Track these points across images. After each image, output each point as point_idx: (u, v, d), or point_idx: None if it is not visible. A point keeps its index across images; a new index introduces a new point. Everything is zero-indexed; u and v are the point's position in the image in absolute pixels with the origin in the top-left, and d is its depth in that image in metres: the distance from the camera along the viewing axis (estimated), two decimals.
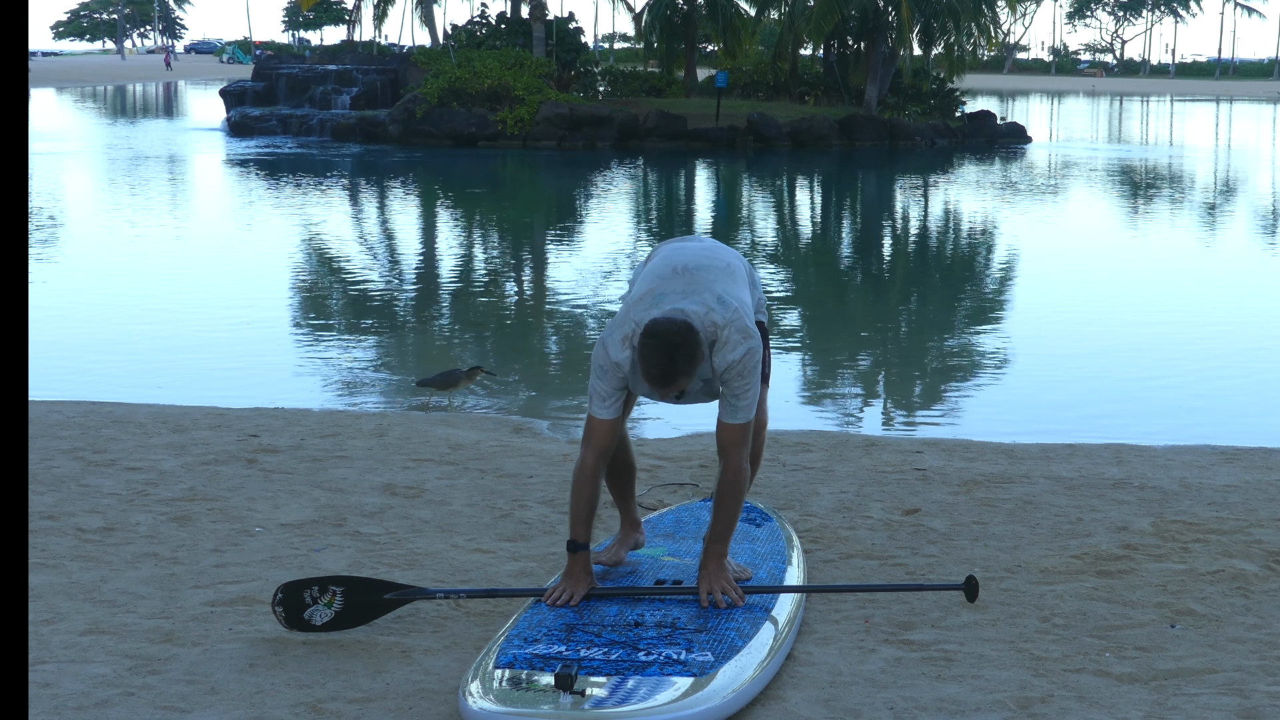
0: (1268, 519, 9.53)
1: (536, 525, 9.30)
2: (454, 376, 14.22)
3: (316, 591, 7.13)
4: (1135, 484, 10.58)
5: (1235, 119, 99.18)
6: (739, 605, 7.00)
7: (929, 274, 26.68)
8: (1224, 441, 12.60)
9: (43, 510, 9.28)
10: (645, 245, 28.97)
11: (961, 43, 62.44)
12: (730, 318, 7.01)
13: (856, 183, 47.69)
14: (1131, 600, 7.79)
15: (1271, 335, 19.20)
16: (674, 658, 6.34)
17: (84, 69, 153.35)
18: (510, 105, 55.08)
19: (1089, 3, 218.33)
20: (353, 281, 23.60)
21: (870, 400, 15.89)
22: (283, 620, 7.09)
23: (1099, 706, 6.38)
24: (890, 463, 11.29)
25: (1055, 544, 8.93)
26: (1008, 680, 6.66)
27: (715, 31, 70.15)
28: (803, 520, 9.36)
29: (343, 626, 7.12)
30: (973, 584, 7.17)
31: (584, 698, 5.92)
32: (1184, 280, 24.92)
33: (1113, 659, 6.94)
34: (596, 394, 7.11)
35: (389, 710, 6.26)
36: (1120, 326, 19.64)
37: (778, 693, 6.47)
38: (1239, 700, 6.45)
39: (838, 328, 20.38)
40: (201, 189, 40.63)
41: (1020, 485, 10.47)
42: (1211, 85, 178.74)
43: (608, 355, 7.04)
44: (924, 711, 6.30)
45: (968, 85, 73.34)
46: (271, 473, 10.52)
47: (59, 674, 6.56)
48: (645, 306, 6.98)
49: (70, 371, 15.55)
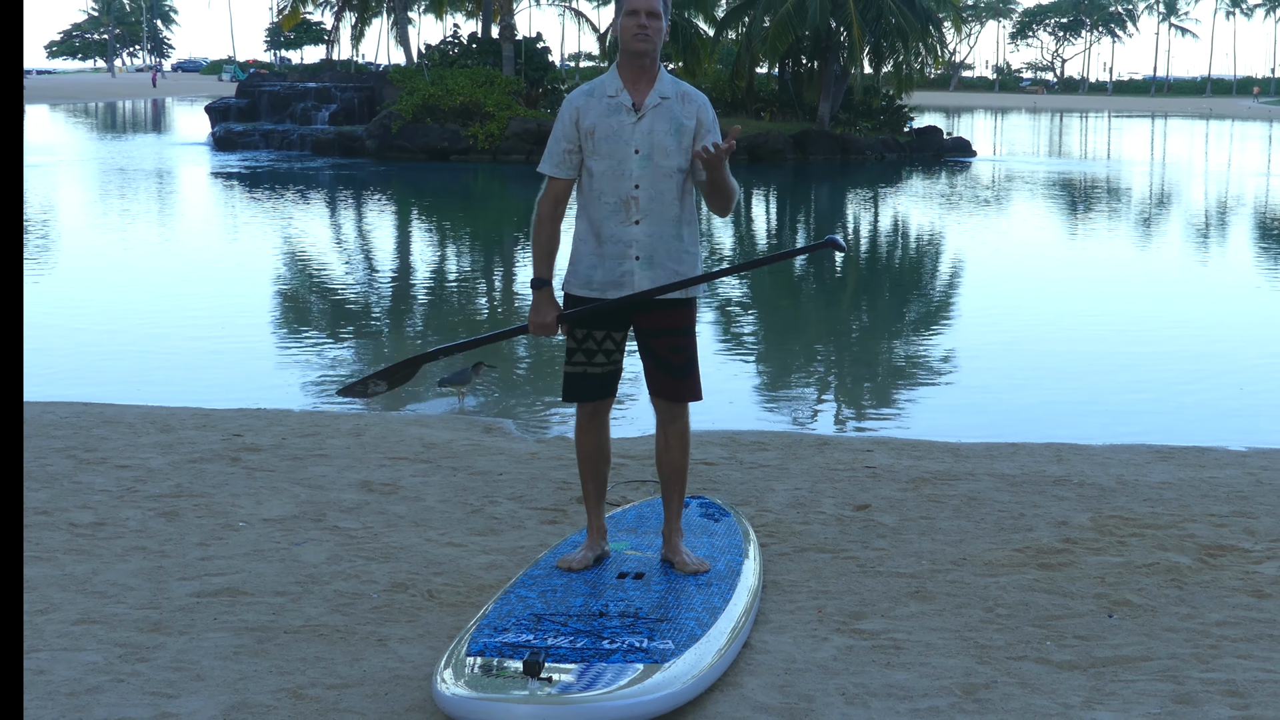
0: (1200, 515, 9.58)
1: (506, 520, 9.30)
2: (465, 375, 14.46)
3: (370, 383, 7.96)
4: (1075, 481, 10.61)
5: (1169, 134, 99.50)
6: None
7: (879, 281, 26.70)
8: (1159, 441, 12.67)
9: (37, 506, 9.28)
10: None
11: (910, 61, 62.48)
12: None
13: (810, 195, 47.71)
14: (1071, 591, 7.81)
15: (1204, 339, 19.25)
16: (636, 645, 6.35)
17: (76, 86, 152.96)
18: (481, 121, 55.12)
19: (1031, 23, 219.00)
20: (331, 288, 23.55)
21: (823, 401, 15.90)
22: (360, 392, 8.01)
23: (1040, 692, 6.40)
24: (842, 461, 11.31)
25: (999, 538, 8.96)
26: (954, 667, 6.67)
27: (676, 51, 70.19)
28: (759, 515, 9.37)
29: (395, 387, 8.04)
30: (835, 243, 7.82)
31: (551, 684, 5.92)
32: (1120, 287, 24.95)
33: (1053, 647, 6.96)
34: (549, 152, 7.55)
35: (366, 696, 6.26)
36: (1060, 331, 19.68)
37: (735, 679, 6.48)
38: (1173, 686, 6.47)
39: (792, 333, 20.38)
40: (187, 200, 40.50)
41: (965, 482, 10.50)
42: (1147, 102, 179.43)
43: (568, 99, 7.51)
44: (874, 697, 6.31)
45: (916, 102, 73.45)
46: (254, 470, 10.51)
47: (52, 661, 6.55)
48: None
49: (63, 374, 15.49)
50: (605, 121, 7.30)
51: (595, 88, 7.38)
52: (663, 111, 7.28)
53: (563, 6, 76.42)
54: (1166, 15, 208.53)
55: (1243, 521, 9.43)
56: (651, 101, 7.27)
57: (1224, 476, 10.92)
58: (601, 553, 7.66)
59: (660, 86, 7.31)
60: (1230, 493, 10.32)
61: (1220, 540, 8.92)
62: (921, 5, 61.50)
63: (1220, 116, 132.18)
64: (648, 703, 5.93)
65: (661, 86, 7.31)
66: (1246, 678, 6.58)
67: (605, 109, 7.30)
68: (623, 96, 7.29)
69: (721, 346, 17.96)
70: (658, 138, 7.29)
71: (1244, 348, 18.65)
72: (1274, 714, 6.18)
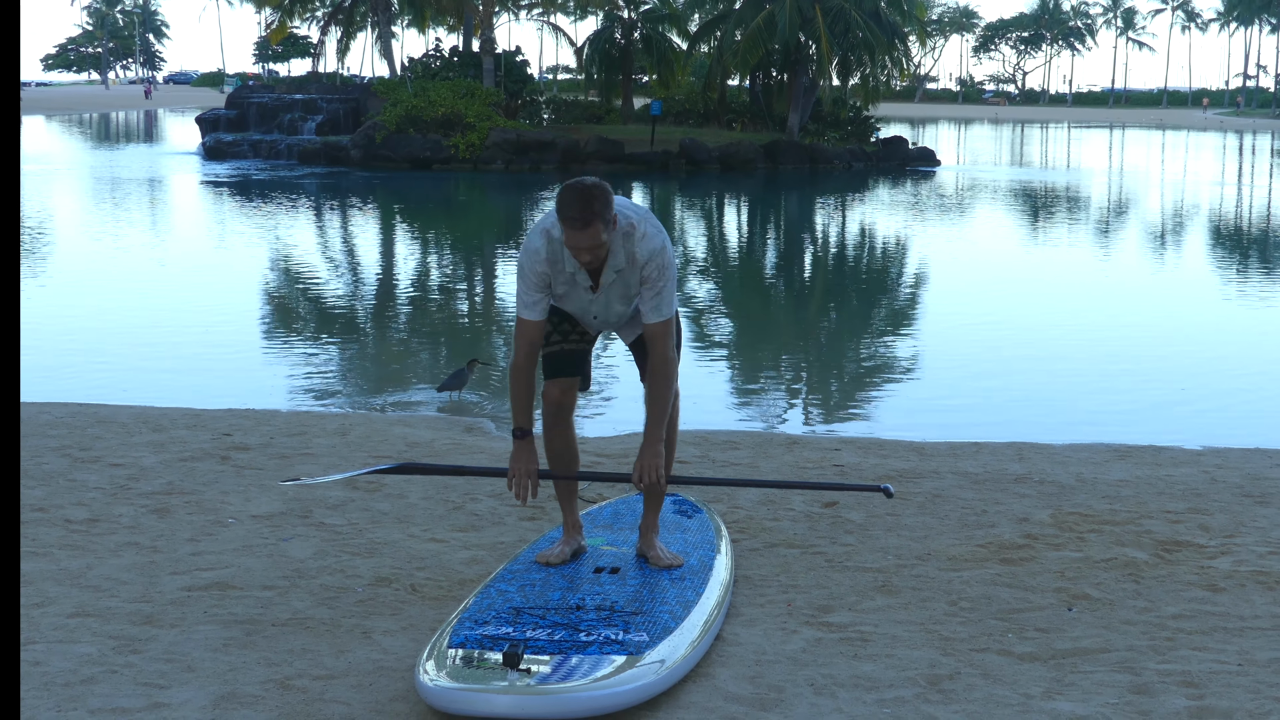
0: (1157, 511, 9.59)
1: (486, 517, 9.29)
2: (461, 376, 14.51)
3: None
4: (1035, 479, 10.63)
5: (1127, 144, 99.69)
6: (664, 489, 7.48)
7: (847, 286, 26.73)
8: (1117, 440, 12.68)
9: (33, 503, 9.25)
10: None
11: (876, 74, 62.59)
12: (643, 215, 7.20)
13: (780, 202, 47.72)
14: (1032, 586, 7.82)
15: (1160, 341, 19.29)
16: (612, 638, 6.34)
17: (71, 98, 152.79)
18: (462, 131, 55.18)
19: (993, 37, 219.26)
20: (318, 293, 23.52)
21: (792, 402, 15.91)
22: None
23: (1002, 683, 6.40)
24: (811, 459, 11.32)
25: (962, 534, 8.97)
26: (919, 659, 6.67)
27: (650, 64, 70.37)
28: (731, 512, 9.36)
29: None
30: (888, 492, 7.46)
31: (530, 675, 5.92)
32: (1080, 291, 24.99)
33: (1015, 639, 6.96)
34: (520, 299, 7.26)
35: (351, 687, 6.25)
36: (1022, 334, 19.73)
37: (707, 670, 6.48)
38: (1130, 677, 6.48)
39: (763, 335, 20.41)
40: (179, 208, 40.52)
41: (930, 480, 10.51)
42: (1105, 113, 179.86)
43: (527, 252, 7.22)
44: (842, 688, 6.31)
45: (882, 113, 73.53)
46: (243, 468, 10.50)
47: (48, 653, 6.53)
48: None
49: (59, 375, 15.45)
50: (567, 291, 7.28)
51: (554, 255, 7.14)
52: (617, 285, 7.23)
53: (541, 21, 76.49)
54: (1124, 29, 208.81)
55: (1198, 518, 9.45)
56: (607, 279, 7.18)
57: (1180, 475, 10.94)
58: (578, 548, 7.64)
59: (613, 260, 7.13)
60: (1186, 490, 10.35)
61: (1176, 536, 8.94)
62: (888, 20, 61.71)
63: (1175, 127, 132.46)
64: (623, 693, 5.93)
65: (614, 260, 7.13)
66: (1201, 669, 6.59)
67: (567, 281, 7.23)
68: (581, 276, 7.18)
69: (695, 349, 17.95)
70: (613, 304, 7.34)
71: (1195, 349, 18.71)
72: (1228, 704, 6.19)
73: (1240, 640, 7.02)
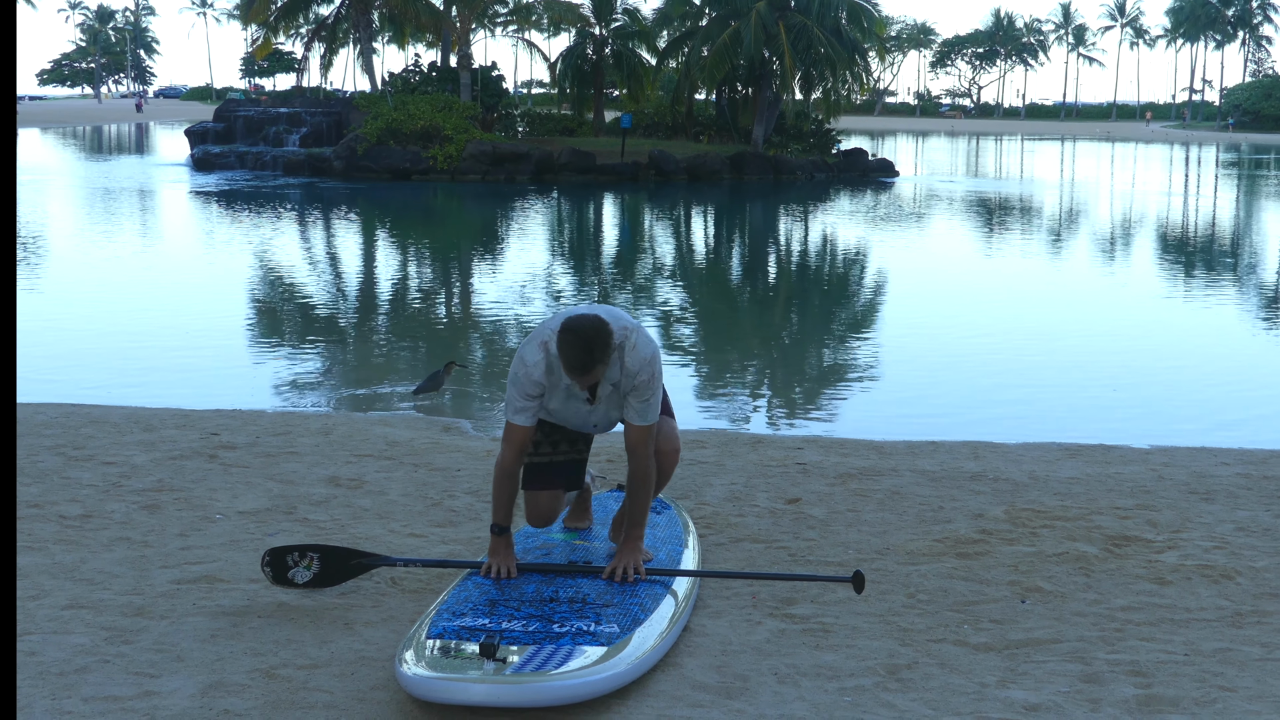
0: (1106, 507, 9.62)
1: (463, 513, 9.29)
2: (437, 378, 14.47)
3: (297, 556, 7.28)
4: (990, 476, 10.65)
5: (1077, 156, 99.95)
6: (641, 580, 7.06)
7: (809, 292, 26.75)
8: (1068, 439, 12.70)
9: (29, 500, 9.23)
10: (559, 265, 28.98)
11: (837, 88, 62.70)
12: (634, 325, 7.09)
13: (745, 212, 47.73)
14: (987, 579, 7.84)
15: (1108, 345, 19.32)
16: (585, 629, 6.35)
17: (65, 111, 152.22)
18: (440, 143, 55.13)
19: (949, 53, 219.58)
20: (302, 298, 23.50)
21: (757, 402, 15.92)
22: (270, 578, 7.26)
23: (958, 672, 6.41)
24: (775, 458, 11.32)
25: (920, 529, 8.98)
26: (878, 649, 6.68)
27: (620, 78, 70.37)
28: (698, 509, 9.37)
29: (320, 586, 7.29)
30: (860, 578, 7.04)
31: (505, 664, 5.92)
32: (1032, 296, 25.06)
33: (970, 630, 6.98)
34: (511, 403, 7.13)
35: (334, 675, 6.25)
36: (976, 337, 19.75)
37: (676, 660, 6.48)
38: (1081, 667, 6.50)
39: (729, 339, 20.41)
40: (169, 216, 40.41)
41: (889, 478, 10.52)
42: (1057, 126, 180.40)
43: (523, 363, 7.06)
44: (804, 677, 6.31)
45: (843, 126, 73.62)
46: (230, 466, 10.47)
47: (43, 643, 6.53)
48: (558, 318, 6.98)
49: (53, 377, 15.40)
50: (564, 405, 7.22)
51: (554, 364, 7.02)
52: (613, 397, 7.17)
53: (516, 37, 76.13)
54: (1075, 45, 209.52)
55: (1145, 514, 9.48)
56: (604, 391, 7.13)
57: (1128, 472, 10.97)
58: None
59: (610, 374, 7.07)
60: (1134, 487, 10.37)
61: (1125, 531, 8.96)
62: (848, 36, 61.85)
63: (1123, 140, 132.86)
64: (595, 682, 5.94)
65: (610, 373, 7.07)
66: (1149, 659, 6.61)
67: (564, 394, 7.14)
68: (576, 388, 7.08)
69: (664, 352, 17.94)
70: (610, 412, 7.26)
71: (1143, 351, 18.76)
72: (1174, 692, 6.21)
73: (1186, 631, 7.05)
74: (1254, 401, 15.83)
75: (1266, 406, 15.56)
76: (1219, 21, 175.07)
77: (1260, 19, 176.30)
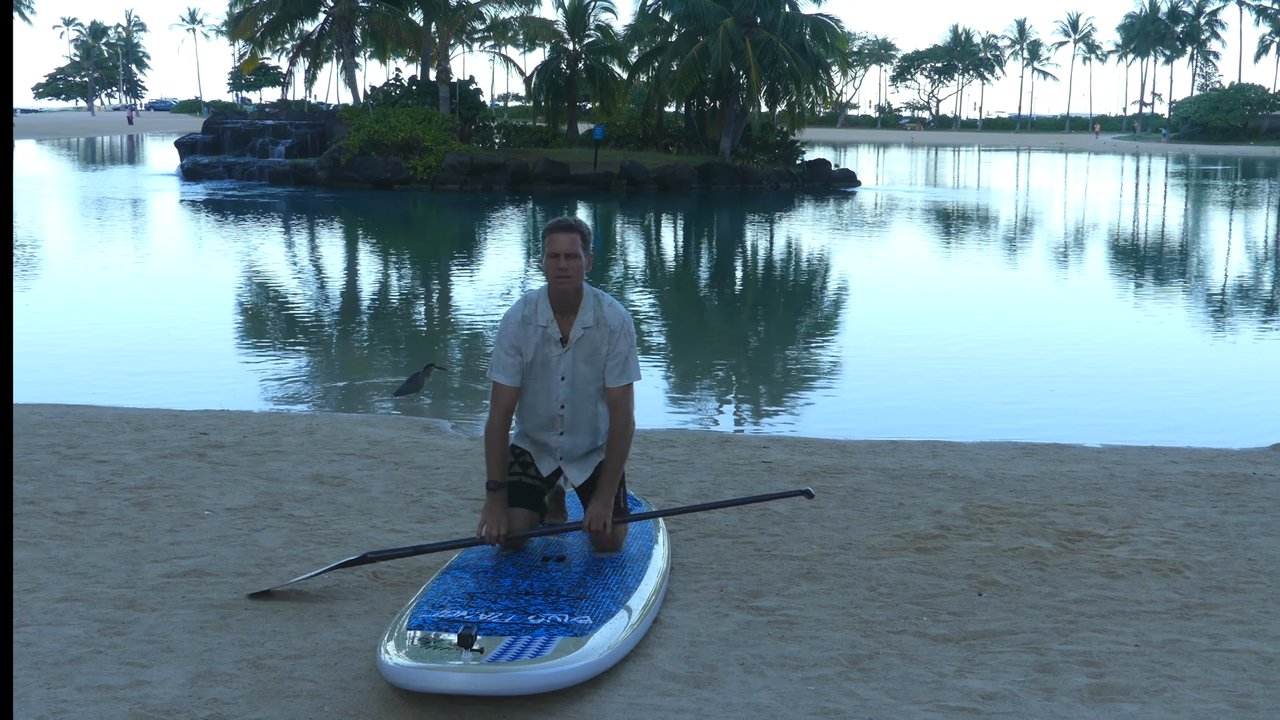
0: (1060, 504, 9.64)
1: (442, 509, 9.30)
2: (417, 380, 14.49)
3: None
4: (948, 474, 10.66)
5: (1032, 166, 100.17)
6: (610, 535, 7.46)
7: (775, 296, 26.77)
8: (1023, 438, 12.74)
9: (25, 497, 9.22)
10: (534, 271, 28.93)
11: (801, 101, 62.80)
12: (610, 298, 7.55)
13: (713, 220, 47.76)
14: (945, 573, 7.85)
15: (1063, 347, 19.36)
16: (558, 621, 6.36)
17: (59, 124, 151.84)
18: (420, 154, 55.10)
19: (909, 67, 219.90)
20: (287, 302, 23.44)
21: (725, 403, 15.93)
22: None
23: (918, 662, 6.42)
24: (741, 456, 11.33)
25: (881, 525, 9.00)
26: (841, 640, 6.69)
27: (593, 92, 70.48)
28: (668, 505, 9.37)
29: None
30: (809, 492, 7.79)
31: (482, 654, 5.93)
32: (988, 300, 25.12)
33: (929, 622, 6.99)
34: (496, 362, 7.43)
35: (318, 665, 6.24)
36: (935, 340, 19.77)
37: (646, 651, 6.49)
38: (1035, 657, 6.51)
39: (697, 342, 20.42)
40: (159, 224, 40.35)
41: (851, 475, 10.54)
42: (1013, 137, 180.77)
43: (507, 319, 7.45)
44: (770, 667, 6.32)
45: (807, 137, 73.79)
46: (218, 465, 10.46)
47: (39, 635, 6.53)
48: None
49: (48, 379, 15.36)
50: (539, 351, 7.42)
51: (529, 315, 7.40)
52: (584, 342, 7.42)
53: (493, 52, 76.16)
54: (1030, 60, 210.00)
55: (1098, 510, 9.50)
56: (575, 334, 7.39)
57: (1081, 470, 10.99)
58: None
59: (582, 316, 7.41)
60: (1086, 484, 10.40)
61: (1078, 527, 8.99)
62: (812, 51, 61.94)
63: (1076, 151, 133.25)
64: (568, 671, 5.95)
65: (584, 316, 7.41)
66: (1101, 649, 6.63)
67: (539, 338, 7.39)
68: (552, 328, 7.39)
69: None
70: (579, 368, 7.46)
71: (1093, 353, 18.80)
72: (1126, 681, 6.22)
73: (1137, 623, 7.07)
74: (1202, 402, 15.88)
75: (1214, 407, 15.62)
76: (1168, 37, 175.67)
77: (1208, 35, 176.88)
